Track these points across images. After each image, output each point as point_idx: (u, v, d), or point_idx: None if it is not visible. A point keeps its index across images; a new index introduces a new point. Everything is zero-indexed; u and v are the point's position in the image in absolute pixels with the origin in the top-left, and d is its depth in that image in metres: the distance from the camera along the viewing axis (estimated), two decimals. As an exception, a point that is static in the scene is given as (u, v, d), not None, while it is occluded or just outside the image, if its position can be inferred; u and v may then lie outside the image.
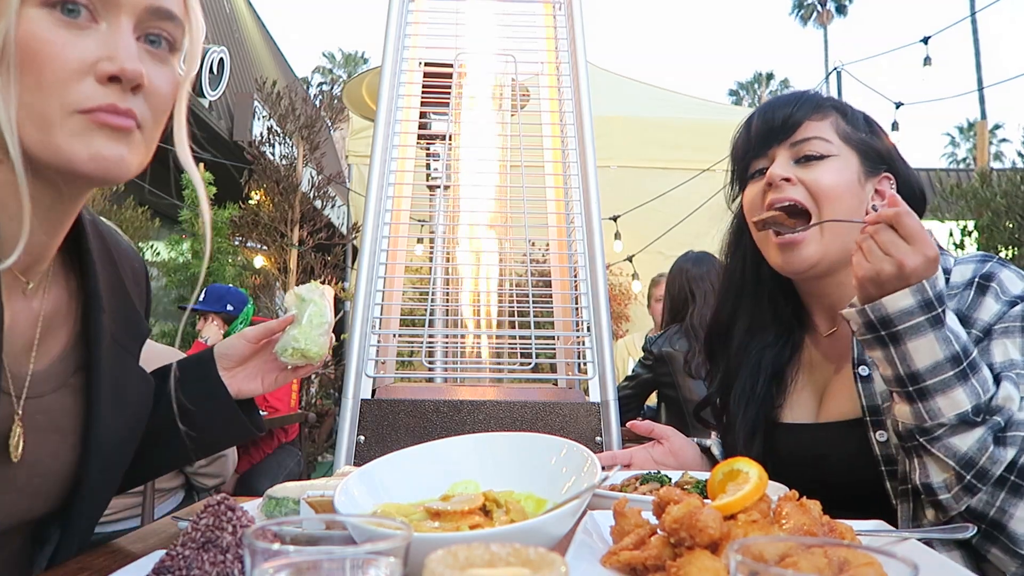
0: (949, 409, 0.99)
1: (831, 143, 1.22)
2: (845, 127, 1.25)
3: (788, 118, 1.24)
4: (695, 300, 3.22)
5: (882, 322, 1.00)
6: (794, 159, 1.23)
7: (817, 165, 1.21)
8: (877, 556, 0.53)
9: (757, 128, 1.28)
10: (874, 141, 1.26)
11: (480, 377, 1.96)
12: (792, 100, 1.27)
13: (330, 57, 44.97)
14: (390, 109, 1.92)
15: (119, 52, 0.72)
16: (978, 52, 29.44)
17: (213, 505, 0.74)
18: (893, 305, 0.99)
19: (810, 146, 1.22)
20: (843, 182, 1.21)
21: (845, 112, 1.27)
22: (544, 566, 0.47)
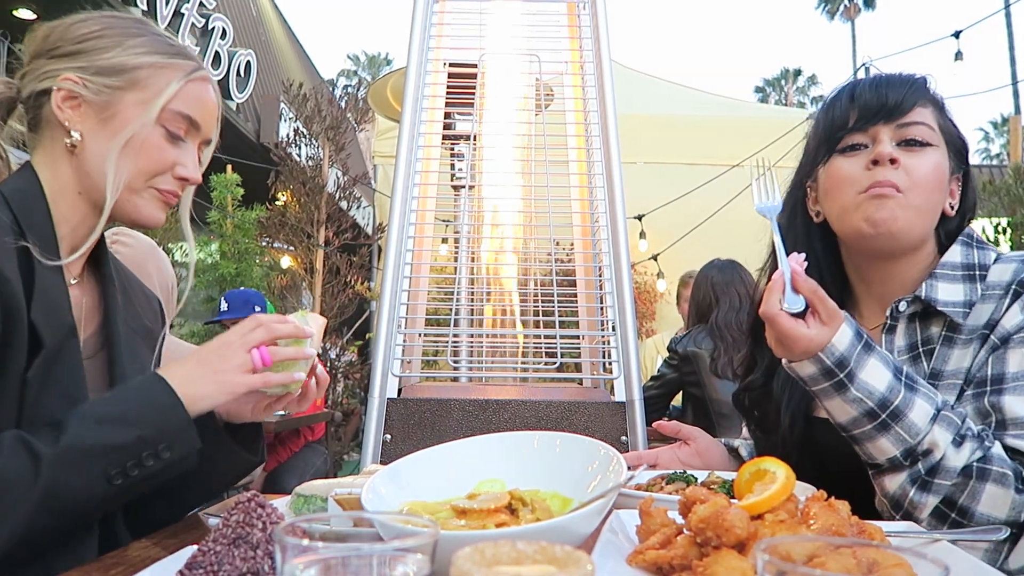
0: (879, 454, 1.03)
1: (935, 132, 1.20)
2: (942, 120, 1.22)
3: (902, 98, 1.20)
4: (719, 304, 3.21)
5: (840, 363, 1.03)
6: (896, 141, 1.19)
7: (920, 152, 1.18)
8: (907, 557, 0.53)
9: (865, 102, 1.22)
10: (957, 140, 1.23)
11: (505, 376, 1.97)
12: (906, 81, 1.23)
13: (355, 59, 45.29)
14: (415, 110, 1.94)
15: (190, 165, 1.13)
16: (1012, 46, 28.87)
17: (243, 502, 0.75)
18: (801, 371, 1.05)
19: (917, 131, 1.18)
20: (938, 174, 1.19)
21: (941, 106, 1.23)
22: (570, 564, 0.47)
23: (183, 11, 6.63)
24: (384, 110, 3.33)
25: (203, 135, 1.15)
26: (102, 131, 1.06)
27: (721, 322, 3.15)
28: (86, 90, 1.06)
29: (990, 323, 1.11)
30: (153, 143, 1.08)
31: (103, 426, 0.91)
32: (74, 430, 0.90)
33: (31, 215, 1.02)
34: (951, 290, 1.16)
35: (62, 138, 1.06)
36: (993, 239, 7.05)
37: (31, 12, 5.51)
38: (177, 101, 1.09)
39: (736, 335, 3.09)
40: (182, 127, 1.11)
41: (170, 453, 0.94)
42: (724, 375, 3.08)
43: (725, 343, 3.11)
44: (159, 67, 1.09)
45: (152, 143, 1.08)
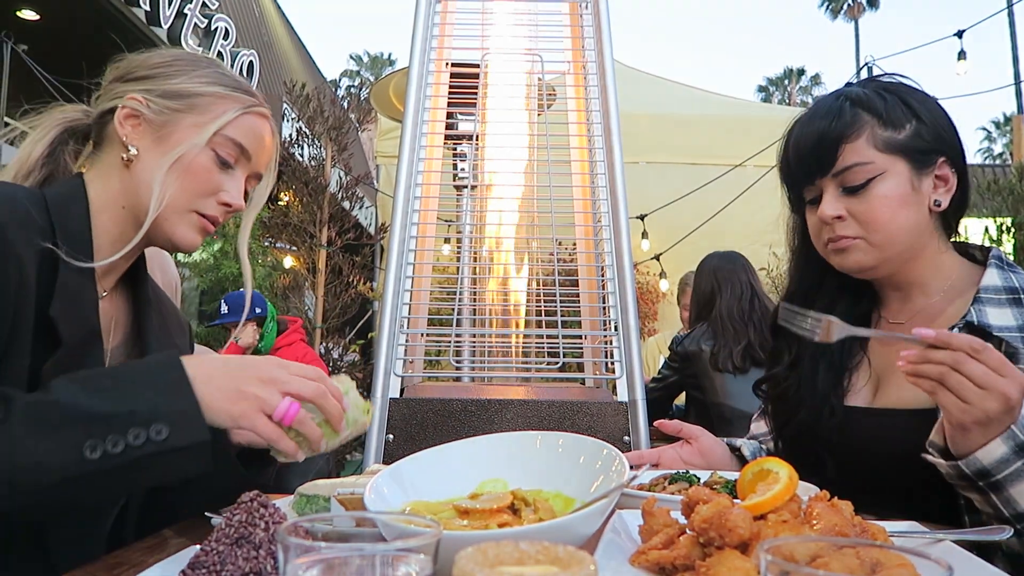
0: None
1: (873, 163, 1.17)
2: (884, 134, 1.19)
3: (821, 154, 1.20)
4: (722, 292, 3.19)
5: (979, 474, 0.96)
6: (840, 188, 1.20)
7: (864, 193, 1.18)
8: (910, 557, 0.53)
9: (794, 158, 1.25)
10: (919, 133, 1.19)
11: (508, 376, 1.97)
12: (821, 126, 1.21)
13: (357, 59, 45.29)
14: (417, 110, 1.94)
15: (235, 192, 1.15)
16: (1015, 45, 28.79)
17: (246, 502, 0.75)
18: (988, 457, 0.95)
19: (852, 176, 1.18)
20: (894, 201, 1.17)
21: (881, 113, 1.19)
22: (573, 564, 0.47)
23: (186, 12, 6.63)
24: (387, 110, 3.33)
25: (253, 167, 1.18)
26: (156, 148, 1.10)
27: (724, 311, 3.13)
28: (148, 110, 1.10)
29: None
30: (201, 164, 1.11)
31: (89, 392, 0.83)
32: (56, 389, 0.82)
33: (69, 221, 1.04)
34: (1001, 315, 1.14)
35: (119, 153, 1.10)
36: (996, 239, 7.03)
37: (34, 13, 5.52)
38: (231, 128, 1.13)
39: (738, 326, 3.08)
40: (232, 154, 1.14)
41: (167, 436, 0.82)
42: (725, 368, 3.07)
43: (727, 335, 3.10)
44: (219, 96, 1.13)
45: (200, 164, 1.11)
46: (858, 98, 1.22)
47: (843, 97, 1.24)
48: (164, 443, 0.82)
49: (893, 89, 1.24)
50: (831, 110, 1.22)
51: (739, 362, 3.03)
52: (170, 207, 1.09)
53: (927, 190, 1.20)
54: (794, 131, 1.28)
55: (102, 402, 0.82)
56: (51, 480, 0.78)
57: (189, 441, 0.83)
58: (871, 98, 1.21)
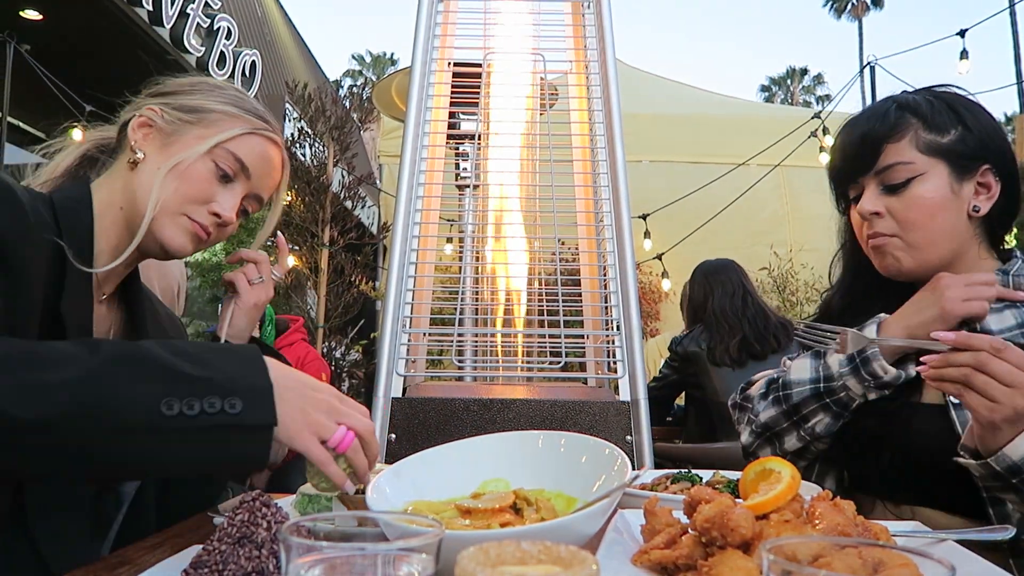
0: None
1: (914, 163, 1.20)
2: (927, 137, 1.21)
3: (864, 152, 1.23)
4: (714, 293, 3.23)
5: (1010, 471, 0.96)
6: (880, 186, 1.23)
7: (903, 192, 1.21)
8: (913, 557, 0.53)
9: (841, 158, 1.29)
10: (963, 138, 1.21)
11: (510, 376, 1.97)
12: (866, 127, 1.25)
13: (359, 59, 45.29)
14: (420, 109, 1.94)
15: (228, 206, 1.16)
16: (1017, 44, 28.74)
17: (248, 501, 0.75)
18: (1017, 452, 0.95)
19: (892, 174, 1.21)
20: (932, 201, 1.20)
21: (926, 117, 1.22)
22: (575, 564, 0.47)
23: (188, 11, 6.64)
24: (389, 110, 3.33)
25: (253, 187, 1.19)
26: (160, 153, 1.13)
27: (717, 308, 3.18)
28: (161, 120, 1.15)
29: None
30: (198, 171, 1.13)
31: (174, 353, 0.82)
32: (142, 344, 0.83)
33: (73, 222, 1.06)
34: (999, 319, 1.16)
35: (127, 158, 1.13)
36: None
37: (38, 13, 5.53)
38: (234, 143, 1.16)
39: (732, 321, 3.13)
40: (232, 168, 1.15)
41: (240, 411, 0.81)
42: (722, 362, 3.10)
43: (721, 331, 3.13)
44: (229, 115, 1.17)
45: (197, 171, 1.13)
46: (906, 102, 1.26)
47: (892, 101, 1.27)
48: (235, 417, 0.80)
49: (944, 96, 1.27)
50: (877, 112, 1.26)
51: (735, 354, 3.07)
52: (162, 210, 1.11)
53: (967, 195, 1.21)
54: (843, 131, 1.31)
55: (184, 364, 0.81)
56: (124, 425, 0.77)
57: (259, 421, 0.82)
58: (918, 103, 1.25)
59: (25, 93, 5.83)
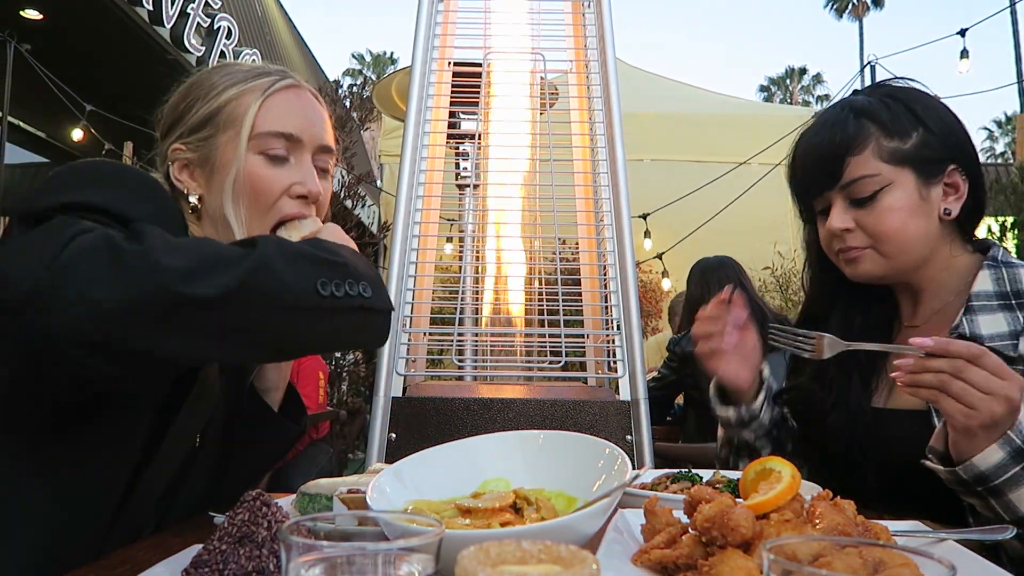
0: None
1: (879, 174, 1.18)
2: (889, 145, 1.18)
3: (827, 165, 1.20)
4: (711, 291, 3.21)
5: (977, 480, 0.96)
6: (848, 200, 1.21)
7: (871, 205, 1.18)
8: (913, 557, 0.53)
9: (802, 172, 1.26)
10: (927, 142, 1.19)
11: (510, 375, 1.97)
12: (826, 140, 1.21)
13: (359, 58, 45.30)
14: (420, 109, 1.94)
15: (306, 179, 1.09)
16: (1017, 44, 28.72)
17: (248, 501, 0.75)
18: (985, 462, 0.95)
19: (859, 188, 1.19)
20: (903, 212, 1.18)
21: (885, 123, 1.19)
22: (575, 563, 0.47)
23: (188, 11, 6.63)
24: (389, 109, 3.33)
25: (310, 144, 1.11)
26: (213, 181, 1.07)
27: None
28: (189, 152, 1.08)
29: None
30: (255, 173, 1.06)
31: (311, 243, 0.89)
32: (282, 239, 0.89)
33: None
34: (992, 322, 1.14)
35: (189, 208, 1.09)
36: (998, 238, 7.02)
37: (38, 13, 5.53)
38: (262, 121, 1.07)
39: None
40: (279, 146, 1.08)
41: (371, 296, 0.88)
42: None
43: None
44: (236, 97, 1.08)
45: (254, 173, 1.06)
46: (862, 108, 1.21)
47: (847, 108, 1.23)
48: (368, 300, 0.88)
49: (900, 96, 1.23)
50: (836, 122, 1.22)
51: None
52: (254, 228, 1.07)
53: (936, 199, 1.20)
54: (800, 143, 1.28)
55: (323, 252, 0.87)
56: (285, 303, 0.82)
57: (384, 306, 0.91)
58: (876, 108, 1.21)
59: (25, 93, 5.82)
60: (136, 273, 0.76)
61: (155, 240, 0.79)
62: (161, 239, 0.80)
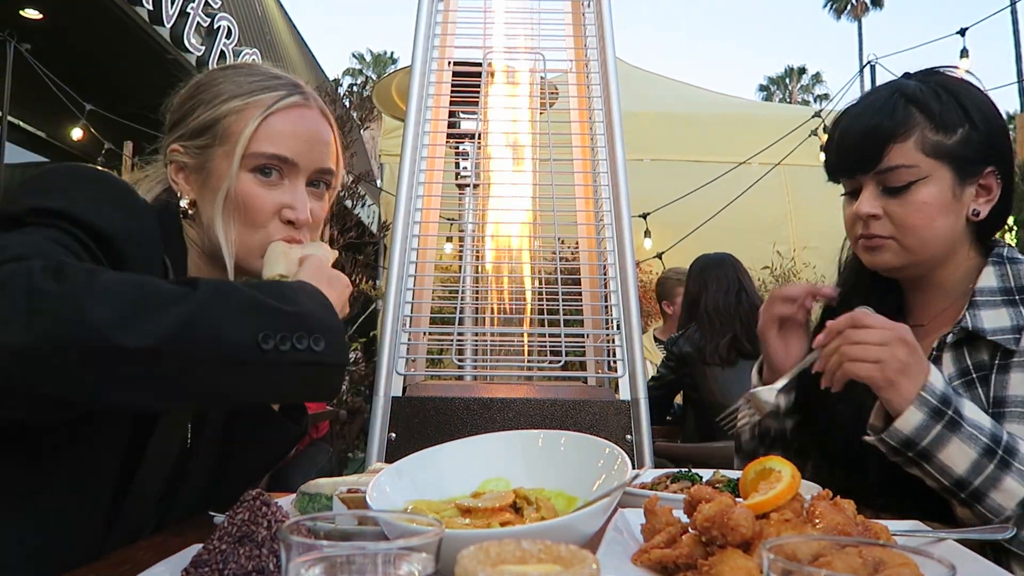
0: (1008, 501, 0.98)
1: (917, 167, 1.15)
2: (934, 138, 1.16)
3: (867, 148, 1.18)
4: (708, 289, 3.21)
5: (905, 445, 0.99)
6: (881, 187, 1.19)
7: (904, 195, 1.16)
8: (913, 556, 0.53)
9: (844, 150, 1.23)
10: (970, 139, 1.17)
11: (510, 375, 1.97)
12: (870, 122, 1.19)
13: (359, 58, 45.30)
14: (420, 109, 1.94)
15: (296, 204, 1.07)
16: (1018, 43, 28.72)
17: (248, 500, 0.75)
18: (907, 425, 0.99)
19: (895, 176, 1.16)
20: (932, 206, 1.16)
21: (934, 115, 1.16)
22: (575, 563, 0.47)
23: (188, 10, 6.63)
24: (389, 109, 3.33)
25: (306, 168, 1.09)
26: (206, 192, 1.06)
27: (710, 305, 3.15)
28: (186, 156, 1.07)
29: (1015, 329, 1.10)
30: (247, 191, 1.05)
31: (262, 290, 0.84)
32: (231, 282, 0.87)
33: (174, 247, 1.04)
34: (995, 316, 1.14)
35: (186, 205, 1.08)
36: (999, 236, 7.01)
37: (38, 12, 5.53)
38: (259, 142, 1.05)
39: (723, 319, 3.10)
40: (272, 164, 1.06)
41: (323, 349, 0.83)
42: (712, 361, 3.08)
43: (713, 329, 3.11)
44: (239, 110, 1.06)
45: (246, 192, 1.05)
46: (913, 95, 1.19)
47: (898, 93, 1.20)
48: (318, 354, 0.83)
49: (952, 88, 1.20)
50: (884, 105, 1.19)
51: (725, 354, 3.05)
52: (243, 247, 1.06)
53: (968, 199, 1.19)
54: (842, 121, 1.25)
55: (274, 300, 0.83)
56: (220, 357, 0.78)
57: (337, 361, 0.86)
58: (927, 96, 1.18)
59: (25, 93, 5.82)
60: (53, 317, 0.71)
61: (79, 280, 0.74)
62: (86, 279, 0.74)
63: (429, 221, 1.92)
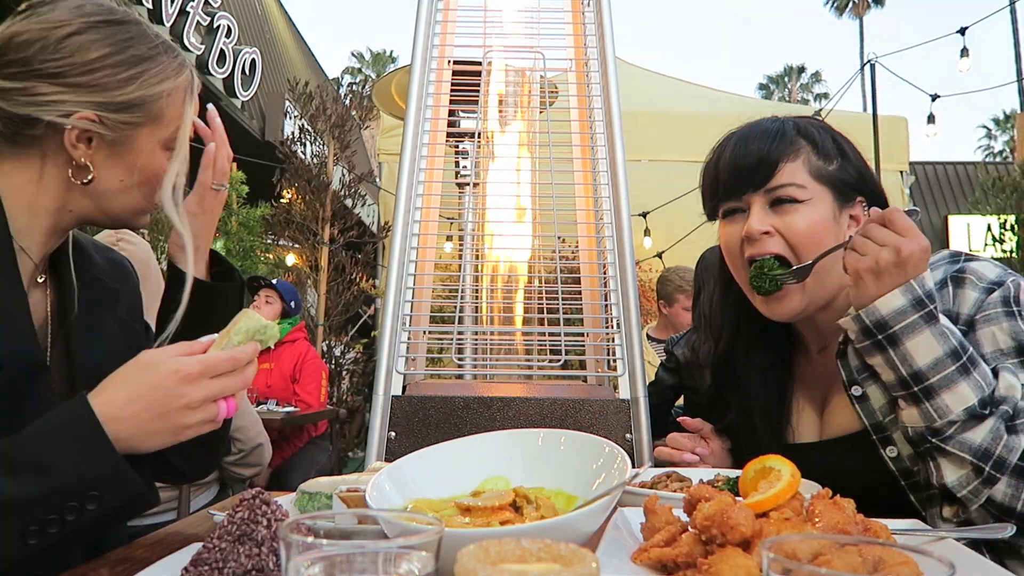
0: (956, 404, 1.00)
1: (805, 187, 1.21)
2: (817, 163, 1.23)
3: (761, 162, 1.23)
4: (706, 286, 3.19)
5: (878, 326, 1.02)
6: (768, 203, 1.23)
7: (792, 211, 1.21)
8: (913, 555, 0.53)
9: (729, 169, 1.28)
10: (845, 169, 1.25)
11: (510, 374, 1.96)
12: (764, 145, 1.25)
13: (359, 57, 45.25)
14: (419, 107, 1.93)
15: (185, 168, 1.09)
16: (1017, 42, 28.72)
17: (248, 499, 0.75)
18: (886, 306, 1.02)
19: (785, 192, 1.22)
20: (819, 225, 1.21)
21: (816, 143, 1.25)
22: (575, 562, 0.47)
23: (188, 9, 6.63)
24: (389, 108, 3.33)
25: None
26: (117, 164, 1.03)
27: (706, 303, 3.12)
28: (103, 127, 1.00)
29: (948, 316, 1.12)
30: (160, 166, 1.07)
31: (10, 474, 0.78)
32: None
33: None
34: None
35: (64, 166, 1.01)
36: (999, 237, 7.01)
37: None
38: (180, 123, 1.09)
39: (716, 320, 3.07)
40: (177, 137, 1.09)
41: (98, 505, 0.81)
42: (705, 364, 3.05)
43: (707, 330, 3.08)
44: (169, 92, 1.05)
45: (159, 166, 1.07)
46: (797, 125, 1.28)
47: (787, 122, 1.29)
48: (99, 509, 0.81)
49: (825, 127, 1.30)
50: (773, 130, 1.27)
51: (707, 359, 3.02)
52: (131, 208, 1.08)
53: (843, 226, 1.24)
54: (729, 144, 1.31)
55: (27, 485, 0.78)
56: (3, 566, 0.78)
57: (123, 499, 0.84)
58: (809, 128, 1.27)
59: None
60: None
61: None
62: None
63: (429, 220, 1.92)
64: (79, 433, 0.82)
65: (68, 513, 0.79)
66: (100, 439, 0.82)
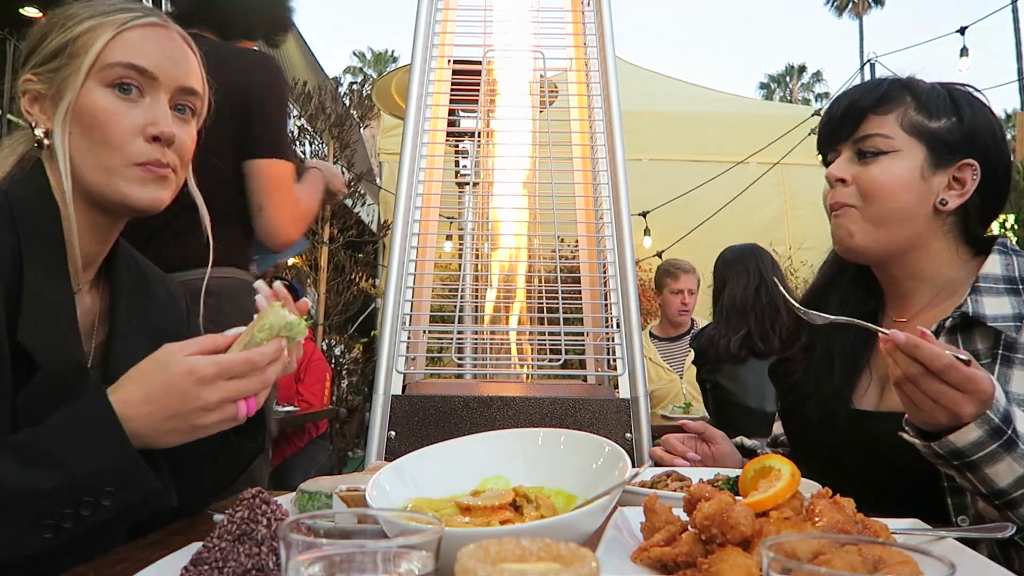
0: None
1: (892, 139, 1.20)
2: (915, 117, 1.21)
3: (847, 115, 1.24)
4: (728, 283, 3.20)
5: (953, 455, 0.96)
6: (855, 153, 1.23)
7: (874, 163, 1.20)
8: (913, 555, 0.53)
9: (825, 120, 1.30)
10: (952, 128, 1.20)
11: (510, 373, 1.97)
12: (855, 94, 1.25)
13: (360, 56, 45.26)
14: (419, 107, 1.93)
15: (159, 119, 0.99)
16: (1018, 41, 28.71)
17: (248, 498, 0.75)
18: (961, 440, 0.94)
19: (869, 143, 1.21)
20: (898, 179, 1.19)
21: (920, 97, 1.22)
22: (575, 561, 0.47)
23: (188, 8, 6.62)
24: (389, 107, 3.33)
25: (167, 83, 1.01)
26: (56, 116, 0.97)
27: (728, 300, 3.13)
28: (39, 83, 0.99)
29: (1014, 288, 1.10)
30: (97, 106, 0.97)
31: (27, 466, 0.78)
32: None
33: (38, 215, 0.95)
34: (997, 304, 1.13)
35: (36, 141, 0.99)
36: (999, 236, 7.00)
37: (36, 10, 5.52)
38: (116, 52, 0.98)
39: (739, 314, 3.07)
40: (133, 79, 0.98)
41: (112, 501, 0.80)
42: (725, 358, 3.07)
43: (729, 324, 3.09)
44: (92, 28, 0.98)
45: (96, 106, 0.97)
46: (907, 81, 1.25)
47: (894, 78, 1.27)
48: (114, 506, 0.81)
49: (948, 87, 1.26)
50: (872, 84, 1.27)
51: (736, 350, 3.03)
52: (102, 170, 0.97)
53: (937, 186, 1.20)
54: (835, 100, 1.32)
55: (44, 477, 0.78)
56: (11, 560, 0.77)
57: (138, 497, 0.83)
58: (920, 84, 1.24)
59: (24, 90, 5.80)
60: None
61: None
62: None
63: (429, 220, 1.92)
64: (97, 429, 0.82)
65: (83, 508, 0.79)
66: (118, 435, 0.82)
